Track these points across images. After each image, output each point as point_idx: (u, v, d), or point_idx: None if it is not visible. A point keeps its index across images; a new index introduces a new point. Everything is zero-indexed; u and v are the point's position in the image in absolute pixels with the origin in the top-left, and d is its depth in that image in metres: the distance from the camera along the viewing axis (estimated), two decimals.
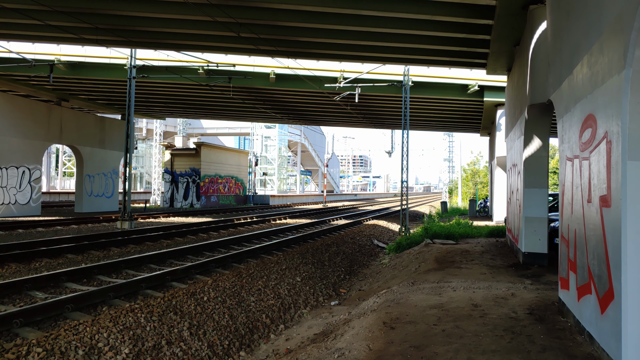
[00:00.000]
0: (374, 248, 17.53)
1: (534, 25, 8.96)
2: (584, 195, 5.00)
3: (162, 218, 23.76)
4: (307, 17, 11.60)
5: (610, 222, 4.08)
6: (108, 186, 28.46)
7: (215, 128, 60.61)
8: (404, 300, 6.99)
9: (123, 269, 9.96)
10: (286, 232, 18.16)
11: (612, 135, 4.05)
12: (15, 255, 10.47)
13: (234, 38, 13.06)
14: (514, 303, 6.47)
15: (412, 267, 10.84)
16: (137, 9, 11.61)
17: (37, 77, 20.79)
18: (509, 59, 12.55)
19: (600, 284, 4.36)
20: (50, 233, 15.85)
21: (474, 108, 24.25)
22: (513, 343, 4.85)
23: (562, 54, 6.10)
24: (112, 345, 5.82)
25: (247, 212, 30.96)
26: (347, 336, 5.79)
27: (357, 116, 28.27)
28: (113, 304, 7.30)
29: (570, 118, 5.61)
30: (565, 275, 5.88)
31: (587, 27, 4.91)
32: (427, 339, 5.05)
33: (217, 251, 12.92)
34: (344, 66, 20.25)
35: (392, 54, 14.05)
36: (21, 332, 5.87)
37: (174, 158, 35.18)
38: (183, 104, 27.26)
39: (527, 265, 9.66)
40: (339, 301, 9.96)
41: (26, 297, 7.59)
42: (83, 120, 26.71)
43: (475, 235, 15.61)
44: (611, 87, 4.08)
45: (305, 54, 15.18)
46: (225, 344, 6.99)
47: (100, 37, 13.48)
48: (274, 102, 25.26)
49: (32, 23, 12.85)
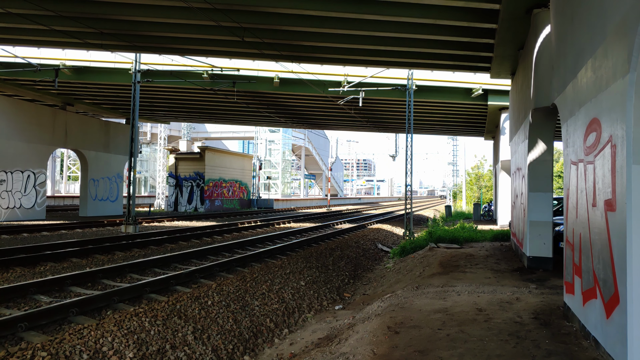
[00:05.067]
0: (378, 252, 17.50)
1: (538, 29, 8.95)
2: (588, 199, 4.99)
3: (167, 222, 23.81)
4: (311, 21, 11.64)
5: (615, 226, 4.06)
6: (112, 190, 28.56)
7: (220, 132, 60.76)
8: (408, 304, 6.97)
9: (127, 273, 9.98)
10: (290, 236, 18.16)
11: (616, 139, 4.03)
12: (20, 259, 10.52)
13: (238, 42, 13.11)
14: (518, 307, 6.44)
15: (417, 271, 10.81)
16: (142, 14, 11.69)
17: (42, 82, 20.93)
18: (513, 63, 12.54)
19: (605, 289, 4.34)
20: (55, 237, 15.91)
21: (478, 112, 24.23)
22: (518, 348, 4.83)
23: (566, 58, 6.09)
24: (117, 349, 5.83)
25: (251, 216, 30.99)
26: (352, 341, 5.77)
27: (361, 120, 28.29)
28: (117, 308, 7.30)
29: (575, 122, 5.60)
30: (570, 279, 5.85)
31: (591, 31, 4.90)
32: (431, 344, 5.03)
33: (221, 255, 12.92)
34: (347, 70, 20.30)
35: (396, 58, 14.07)
36: (26, 336, 5.89)
37: (178, 162, 35.28)
38: (187, 108, 27.37)
39: (532, 270, 9.61)
40: (343, 305, 9.94)
41: (31, 301, 7.62)
42: (88, 124, 26.85)
43: (479, 239, 15.56)
44: (615, 91, 4.08)
45: (309, 58, 15.23)
46: (229, 348, 6.99)
47: (105, 41, 13.56)
48: (278, 106, 25.33)
49: (38, 28, 12.93)
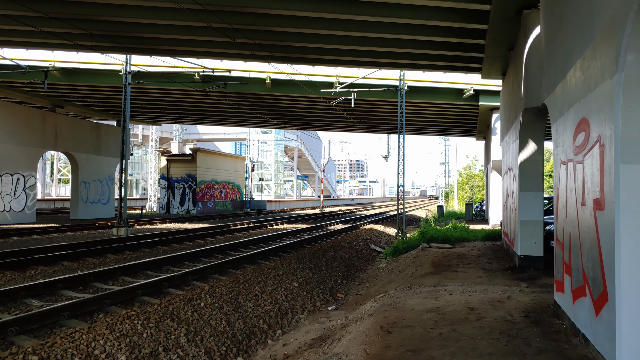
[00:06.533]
0: (371, 252, 17.53)
1: (528, 30, 9.03)
2: (578, 199, 5.04)
3: (159, 224, 23.69)
4: (303, 22, 11.65)
5: (604, 225, 4.11)
6: (104, 193, 28.37)
7: (212, 134, 60.58)
8: (400, 304, 6.99)
9: (119, 275, 9.92)
10: (283, 237, 18.14)
11: (605, 139, 4.08)
12: (11, 263, 10.42)
13: (229, 44, 13.09)
14: (510, 306, 6.49)
15: (409, 271, 10.85)
16: (132, 15, 11.62)
17: (31, 84, 20.73)
18: (503, 64, 12.63)
19: (594, 286, 4.39)
20: (45, 240, 15.78)
21: (470, 112, 24.36)
22: (509, 346, 4.87)
23: (556, 59, 6.15)
24: (109, 353, 5.80)
25: (244, 217, 30.91)
26: (345, 341, 5.79)
27: (353, 121, 28.33)
28: (109, 311, 7.26)
29: (564, 122, 5.65)
30: (560, 277, 5.90)
31: (580, 32, 4.96)
32: (424, 343, 5.06)
33: (214, 257, 12.88)
34: (339, 71, 20.32)
35: (387, 59, 14.11)
36: (17, 340, 5.84)
37: (170, 164, 35.11)
38: (179, 110, 27.26)
39: (523, 268, 9.68)
40: (336, 306, 9.96)
41: (22, 305, 7.55)
42: (78, 126, 26.64)
43: (471, 239, 15.64)
44: (604, 91, 4.13)
45: (301, 59, 15.23)
46: (222, 350, 6.98)
47: (95, 43, 13.47)
48: (270, 107, 25.30)
49: (26, 29, 12.81)
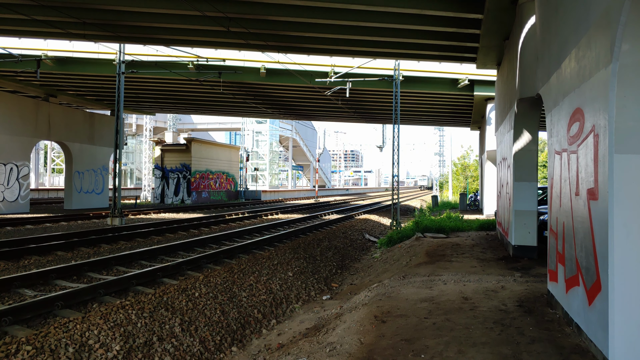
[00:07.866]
0: (365, 242, 17.59)
1: (523, 20, 9.00)
2: (572, 189, 5.05)
3: (153, 214, 23.63)
4: (298, 11, 11.56)
5: (598, 215, 4.12)
6: (98, 182, 28.23)
7: (206, 123, 60.26)
8: (395, 293, 7.02)
9: (113, 265, 9.90)
10: (278, 227, 18.15)
11: (599, 129, 4.08)
12: (4, 253, 10.36)
13: (223, 33, 12.98)
14: (503, 296, 6.53)
15: (403, 261, 10.90)
16: (126, 4, 11.48)
17: (23, 73, 20.52)
18: (498, 53, 12.60)
19: (587, 276, 4.42)
20: (39, 230, 15.71)
21: (464, 102, 24.36)
22: (503, 335, 4.90)
23: (551, 48, 6.13)
24: (103, 342, 5.79)
25: (239, 207, 30.89)
26: (339, 330, 5.81)
27: (349, 111, 28.27)
28: (103, 301, 7.25)
29: (559, 112, 5.65)
30: (554, 267, 5.94)
31: (575, 22, 4.94)
32: (418, 332, 5.09)
33: (209, 247, 12.88)
34: (334, 61, 20.22)
35: (382, 49, 14.04)
36: (10, 330, 5.83)
37: (165, 154, 34.95)
38: (173, 100, 27.08)
39: (517, 258, 9.75)
40: (331, 295, 10.00)
41: (15, 295, 7.53)
42: (72, 116, 26.42)
43: (465, 229, 15.71)
44: (598, 81, 4.12)
45: (296, 49, 15.13)
46: (217, 339, 7.00)
47: (88, 32, 13.32)
48: (265, 97, 25.18)
49: (18, 17, 12.64)
